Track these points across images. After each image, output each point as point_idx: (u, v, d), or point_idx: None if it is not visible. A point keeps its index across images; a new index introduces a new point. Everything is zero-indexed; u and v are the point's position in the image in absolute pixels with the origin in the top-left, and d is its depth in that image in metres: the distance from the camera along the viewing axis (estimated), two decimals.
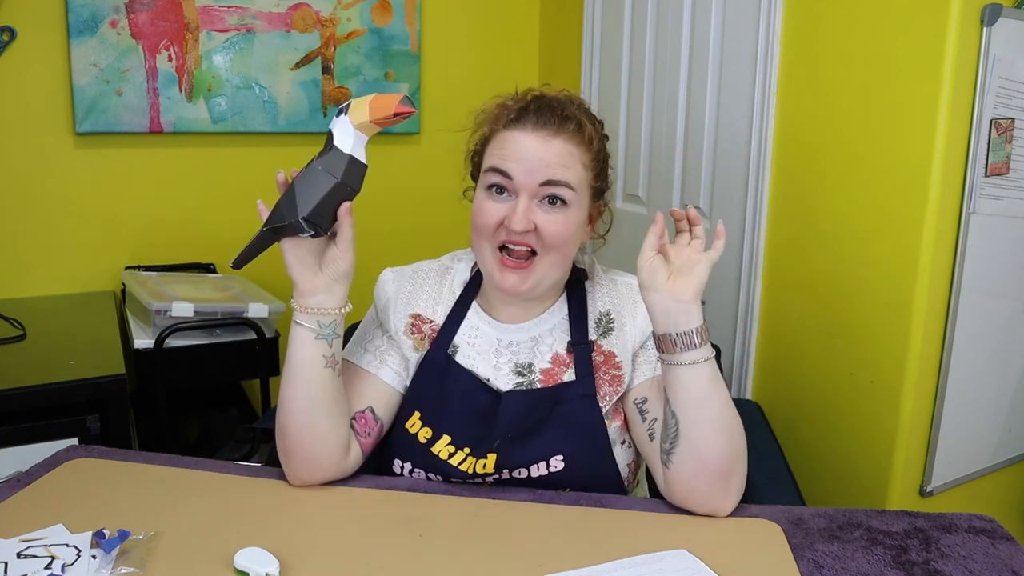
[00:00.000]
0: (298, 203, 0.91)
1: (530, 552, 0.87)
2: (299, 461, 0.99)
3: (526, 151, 0.98)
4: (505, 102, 1.03)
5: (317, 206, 0.91)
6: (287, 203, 0.92)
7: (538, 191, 0.98)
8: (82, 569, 0.80)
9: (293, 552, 0.84)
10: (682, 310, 0.92)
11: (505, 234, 0.98)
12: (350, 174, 0.92)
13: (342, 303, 0.97)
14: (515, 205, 0.97)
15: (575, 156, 0.99)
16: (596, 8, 2.31)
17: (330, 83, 2.36)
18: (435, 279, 1.12)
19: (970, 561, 0.86)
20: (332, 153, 0.92)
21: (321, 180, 0.91)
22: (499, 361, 1.06)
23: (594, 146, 1.02)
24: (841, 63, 1.55)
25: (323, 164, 0.92)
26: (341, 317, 0.98)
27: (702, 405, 0.93)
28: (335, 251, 0.95)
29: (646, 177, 2.15)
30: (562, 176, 0.98)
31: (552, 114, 0.99)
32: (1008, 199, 1.47)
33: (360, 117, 0.92)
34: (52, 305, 2.04)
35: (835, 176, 1.57)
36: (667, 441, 0.95)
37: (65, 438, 1.45)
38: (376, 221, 2.49)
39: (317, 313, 0.95)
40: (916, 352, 1.45)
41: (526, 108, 1.01)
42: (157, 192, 2.23)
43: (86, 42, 2.04)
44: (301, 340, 0.96)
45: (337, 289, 0.96)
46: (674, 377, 0.93)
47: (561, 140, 0.98)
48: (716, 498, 0.94)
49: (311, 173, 0.92)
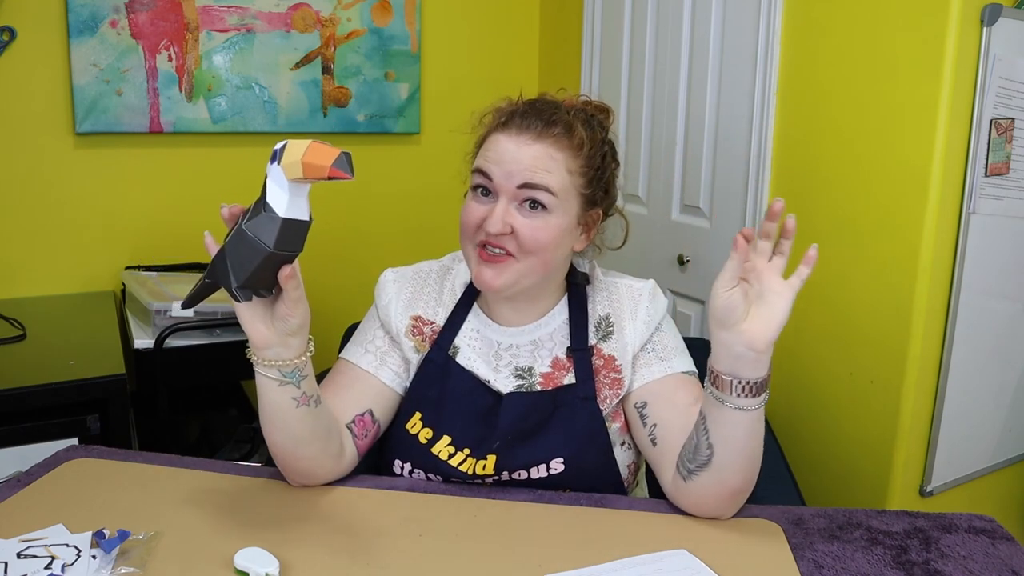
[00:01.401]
0: (231, 272, 0.81)
1: (530, 552, 0.87)
2: (292, 474, 1.00)
3: (505, 153, 0.97)
4: (501, 105, 1.04)
5: (250, 276, 0.81)
6: (220, 268, 0.83)
7: (516, 194, 0.97)
8: (82, 569, 0.80)
9: (293, 552, 0.84)
10: (752, 359, 0.84)
11: (484, 234, 0.98)
12: (285, 239, 0.80)
13: (301, 351, 0.90)
14: (493, 208, 0.97)
15: (557, 161, 0.97)
16: (596, 8, 2.31)
17: (330, 83, 2.36)
18: (436, 280, 1.12)
19: (970, 561, 0.86)
20: (263, 216, 0.80)
21: (252, 250, 0.80)
22: (499, 364, 1.06)
23: (584, 152, 0.99)
24: (841, 63, 1.55)
25: (253, 230, 0.80)
26: (303, 362, 0.91)
27: (742, 443, 0.89)
28: (283, 309, 0.86)
29: (646, 177, 2.15)
30: (540, 180, 0.96)
31: (537, 118, 0.98)
32: (1008, 199, 1.47)
33: (293, 172, 0.78)
34: (52, 305, 2.04)
35: (835, 176, 1.57)
36: (695, 463, 0.92)
37: (65, 438, 1.45)
38: (376, 221, 2.49)
39: (276, 364, 0.89)
40: (916, 352, 1.45)
41: (515, 111, 1.01)
42: (157, 192, 2.23)
43: (86, 42, 2.04)
44: (266, 387, 0.91)
45: (292, 342, 0.89)
46: (720, 413, 0.88)
47: (543, 144, 0.97)
48: (725, 510, 0.95)
49: (241, 239, 0.80)
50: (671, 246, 2.05)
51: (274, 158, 0.80)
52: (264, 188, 0.81)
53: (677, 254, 2.02)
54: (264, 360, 0.89)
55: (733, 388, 0.86)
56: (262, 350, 0.89)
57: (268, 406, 0.93)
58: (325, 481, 1.01)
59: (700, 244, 1.95)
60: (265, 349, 0.89)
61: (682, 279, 2.03)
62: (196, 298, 0.92)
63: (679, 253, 2.01)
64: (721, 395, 0.87)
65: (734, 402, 0.86)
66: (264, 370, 0.90)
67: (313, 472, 0.99)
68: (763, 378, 0.86)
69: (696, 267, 1.97)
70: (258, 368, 0.90)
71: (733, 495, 0.93)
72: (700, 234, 1.95)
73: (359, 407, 1.04)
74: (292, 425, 0.93)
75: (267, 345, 0.89)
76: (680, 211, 2.03)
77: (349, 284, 2.46)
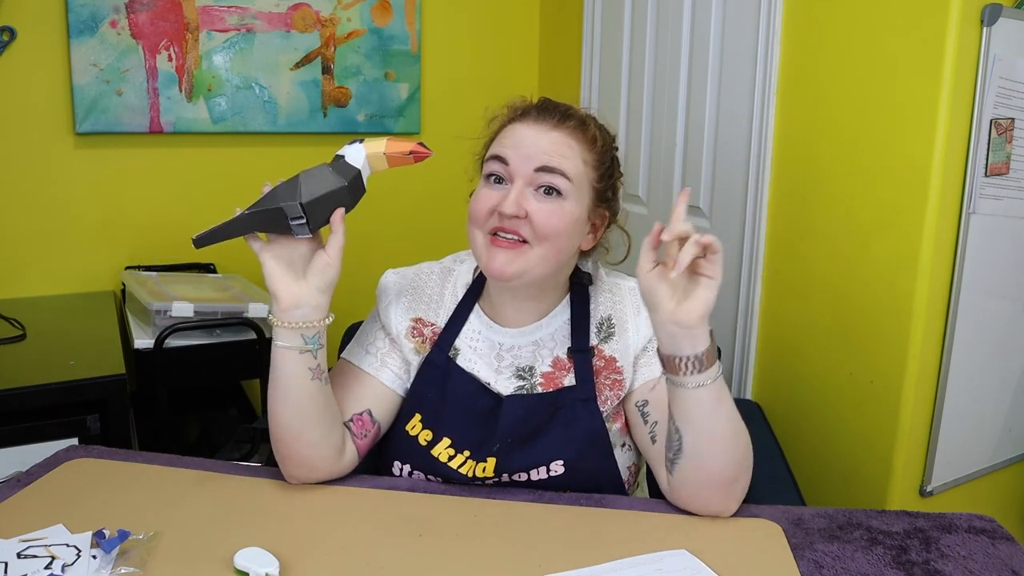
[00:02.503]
0: (301, 190, 0.90)
1: (530, 552, 0.87)
2: (293, 466, 0.99)
3: (524, 139, 0.99)
4: (515, 102, 1.05)
5: (318, 198, 0.91)
6: (286, 189, 0.91)
7: (533, 178, 0.97)
8: (82, 569, 0.80)
9: (293, 552, 0.84)
10: (687, 335, 0.87)
11: (497, 220, 0.97)
12: (354, 186, 0.94)
13: (326, 314, 0.95)
14: (508, 191, 0.97)
15: (574, 149, 0.99)
16: (596, 8, 2.31)
17: (330, 83, 2.36)
18: (437, 281, 1.12)
19: (970, 561, 0.86)
20: (342, 162, 0.94)
21: (328, 178, 0.92)
22: (500, 365, 1.06)
23: (598, 147, 1.02)
24: (841, 63, 1.55)
25: (333, 167, 0.94)
26: (324, 328, 0.95)
27: (706, 423, 0.90)
28: (324, 258, 0.93)
29: (646, 177, 2.15)
30: (558, 164, 0.97)
31: (555, 110, 1.01)
32: (1008, 199, 1.47)
33: (375, 148, 0.94)
34: (52, 305, 2.04)
35: (835, 176, 1.57)
36: (671, 451, 0.94)
37: (65, 438, 1.45)
38: (376, 221, 2.49)
39: (300, 327, 0.92)
40: (916, 352, 1.45)
41: (531, 106, 1.03)
42: (157, 192, 2.23)
43: (86, 42, 2.04)
44: (284, 355, 0.93)
45: (323, 300, 0.93)
46: (678, 396, 0.90)
47: (561, 132, 0.99)
48: (719, 503, 0.94)
49: (318, 170, 0.93)
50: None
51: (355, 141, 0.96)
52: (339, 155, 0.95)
53: None
54: (289, 322, 0.92)
55: (679, 366, 0.88)
56: (289, 310, 0.92)
57: (282, 379, 0.94)
58: (324, 478, 1.01)
59: None
60: (293, 309, 0.92)
61: None
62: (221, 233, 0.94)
63: None
64: (672, 377, 0.90)
65: (684, 380, 0.89)
66: (285, 337, 0.92)
67: (314, 464, 0.98)
68: (703, 351, 0.88)
69: None
70: (279, 333, 0.93)
71: (720, 485, 0.93)
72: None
73: (358, 406, 1.04)
74: (303, 401, 0.94)
75: (296, 304, 0.92)
76: None
77: (349, 284, 2.45)
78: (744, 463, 0.94)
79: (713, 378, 0.89)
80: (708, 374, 0.89)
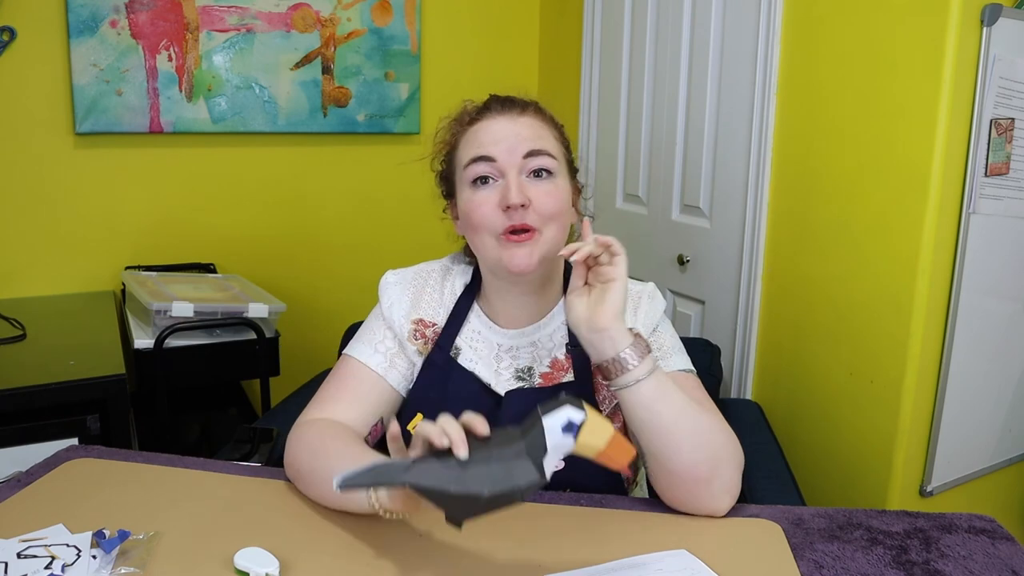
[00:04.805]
0: (488, 480, 0.73)
1: (530, 552, 0.87)
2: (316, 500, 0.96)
3: (500, 131, 1.00)
4: (464, 107, 1.07)
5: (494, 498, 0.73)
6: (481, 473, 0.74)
7: (523, 164, 0.98)
8: (82, 569, 0.80)
9: (293, 552, 0.84)
10: (605, 338, 0.89)
11: (506, 218, 0.97)
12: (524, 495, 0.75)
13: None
14: (506, 184, 0.97)
15: (546, 129, 1.04)
16: (596, 8, 2.31)
17: (330, 83, 2.36)
18: (437, 281, 1.12)
19: (970, 561, 0.86)
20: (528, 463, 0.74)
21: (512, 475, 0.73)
22: (500, 367, 1.07)
23: (556, 124, 1.06)
24: (841, 63, 1.55)
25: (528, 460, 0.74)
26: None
27: (655, 420, 0.90)
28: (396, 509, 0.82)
29: (646, 177, 2.15)
30: (543, 146, 1.00)
31: (513, 101, 1.04)
32: (1008, 199, 1.47)
33: (585, 451, 0.75)
34: (52, 305, 2.04)
35: (835, 176, 1.57)
36: (639, 456, 0.94)
37: (65, 438, 1.45)
38: (376, 221, 2.49)
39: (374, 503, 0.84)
40: (916, 352, 1.45)
41: (488, 102, 1.05)
42: (157, 192, 2.23)
43: (86, 42, 2.04)
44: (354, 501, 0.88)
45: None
46: (624, 401, 0.91)
47: (528, 117, 1.02)
48: (701, 501, 0.93)
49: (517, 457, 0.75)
50: (671, 246, 2.05)
51: (570, 428, 0.74)
52: (538, 430, 0.75)
53: (677, 254, 2.02)
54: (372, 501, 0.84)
55: (608, 370, 0.90)
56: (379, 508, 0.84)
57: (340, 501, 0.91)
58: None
59: (700, 244, 1.95)
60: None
61: (682, 279, 2.03)
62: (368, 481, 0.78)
63: (679, 253, 2.01)
64: (610, 383, 0.92)
65: (619, 382, 0.90)
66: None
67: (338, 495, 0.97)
68: (626, 348, 0.89)
69: (696, 267, 1.97)
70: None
71: (692, 483, 0.91)
72: (700, 234, 1.95)
73: (373, 417, 1.06)
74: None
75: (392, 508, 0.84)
76: (680, 211, 2.03)
77: (349, 284, 2.47)
78: (716, 461, 0.92)
79: (647, 372, 0.90)
80: (641, 370, 0.89)
